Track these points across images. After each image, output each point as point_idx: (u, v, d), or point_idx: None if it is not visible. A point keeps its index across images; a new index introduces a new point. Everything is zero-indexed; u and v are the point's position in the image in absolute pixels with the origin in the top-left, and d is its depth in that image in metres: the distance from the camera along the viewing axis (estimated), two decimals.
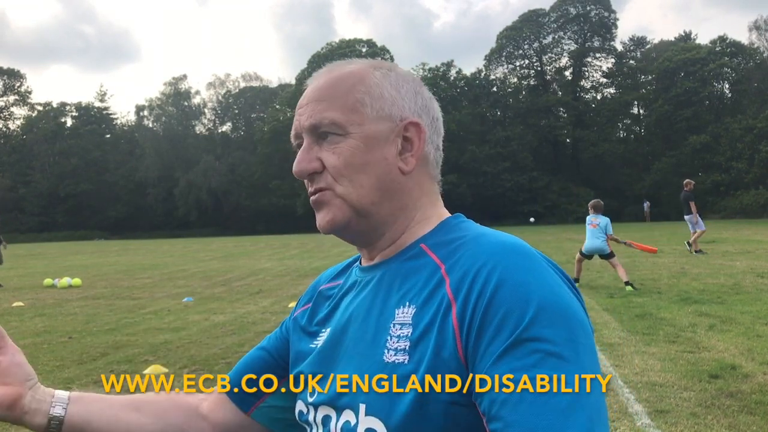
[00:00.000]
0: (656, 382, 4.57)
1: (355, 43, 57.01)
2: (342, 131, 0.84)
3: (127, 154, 62.55)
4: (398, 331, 0.78)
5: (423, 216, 0.89)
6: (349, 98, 0.84)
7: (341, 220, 0.85)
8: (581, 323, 0.73)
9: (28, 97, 66.06)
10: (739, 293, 8.48)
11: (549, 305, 0.71)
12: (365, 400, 0.77)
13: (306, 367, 0.92)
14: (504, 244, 0.78)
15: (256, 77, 66.80)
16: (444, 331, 0.73)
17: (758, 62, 48.55)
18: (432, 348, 0.73)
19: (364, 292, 0.88)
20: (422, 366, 0.73)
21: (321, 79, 0.88)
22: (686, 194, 15.15)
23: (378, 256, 0.90)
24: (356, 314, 0.86)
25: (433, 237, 0.86)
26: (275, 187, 54.71)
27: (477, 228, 0.86)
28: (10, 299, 11.10)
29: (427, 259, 0.83)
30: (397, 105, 0.86)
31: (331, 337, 0.89)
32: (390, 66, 0.91)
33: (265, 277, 14.05)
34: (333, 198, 0.85)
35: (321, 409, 0.85)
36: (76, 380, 5.25)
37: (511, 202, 49.77)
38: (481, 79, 55.94)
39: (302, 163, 0.85)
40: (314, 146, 0.86)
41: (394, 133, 0.86)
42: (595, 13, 54.94)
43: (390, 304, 0.82)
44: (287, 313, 6.29)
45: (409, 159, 0.86)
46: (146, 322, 8.19)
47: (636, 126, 56.89)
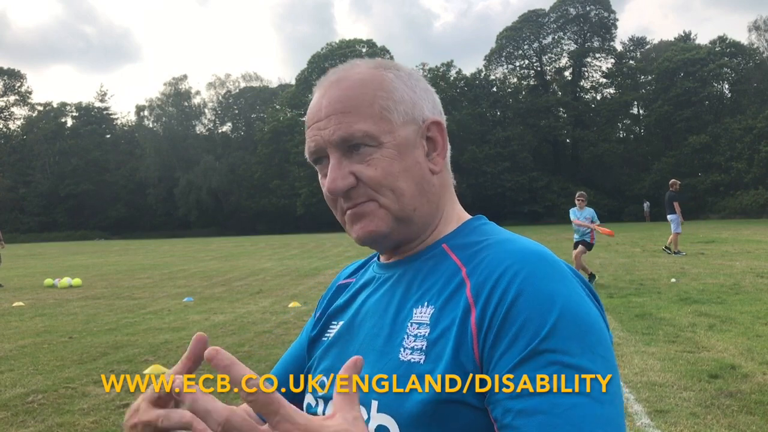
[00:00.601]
0: (656, 382, 4.58)
1: (355, 43, 57.00)
2: (375, 142, 0.81)
3: (127, 154, 62.53)
4: (415, 330, 0.77)
5: (446, 214, 0.89)
6: (374, 107, 0.82)
7: (384, 231, 0.83)
8: (600, 335, 0.72)
9: (29, 97, 66.07)
10: (738, 293, 8.48)
11: (569, 316, 0.70)
12: (378, 396, 0.76)
13: (316, 360, 0.92)
14: (527, 251, 0.77)
15: (256, 77, 66.84)
16: (463, 334, 0.73)
17: (758, 62, 48.54)
18: (449, 350, 0.73)
19: (383, 289, 0.88)
20: (438, 367, 0.73)
21: (335, 89, 0.84)
22: (671, 194, 15.31)
23: (400, 254, 0.89)
24: (373, 310, 0.86)
25: (456, 238, 0.86)
26: (275, 187, 54.72)
27: (500, 232, 0.85)
28: (10, 299, 11.10)
29: (449, 260, 0.82)
30: (417, 106, 0.85)
31: (343, 330, 0.89)
32: (394, 65, 0.89)
33: (265, 277, 14.05)
34: (377, 209, 0.82)
35: (331, 404, 0.85)
36: (76, 380, 5.25)
37: (511, 202, 49.77)
38: (481, 80, 55.93)
39: (337, 180, 0.81)
40: (344, 160, 0.82)
41: (419, 135, 0.85)
42: (594, 13, 54.95)
43: (408, 302, 0.81)
44: (287, 313, 6.32)
45: (436, 159, 0.86)
46: (146, 322, 8.20)
47: (636, 126, 56.88)
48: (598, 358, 0.69)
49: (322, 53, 55.58)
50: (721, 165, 45.25)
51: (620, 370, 4.93)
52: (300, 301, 9.63)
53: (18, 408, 4.56)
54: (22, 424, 4.22)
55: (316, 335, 0.97)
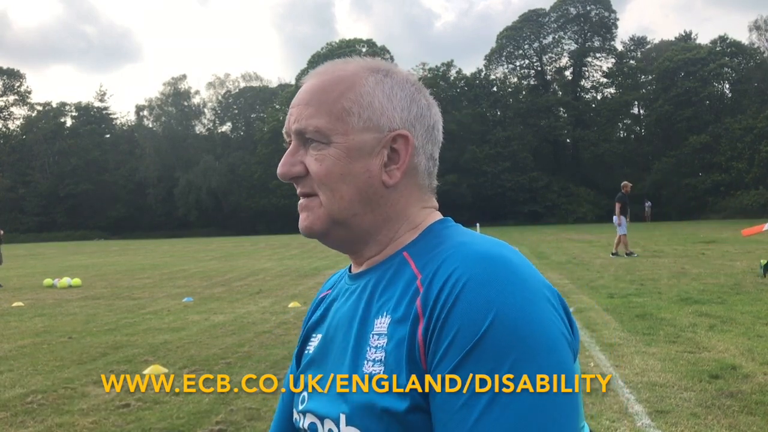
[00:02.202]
0: (656, 383, 4.57)
1: (355, 43, 57.00)
2: (325, 139, 0.82)
3: (127, 154, 62.49)
4: (376, 341, 0.77)
5: (411, 225, 0.87)
6: (336, 106, 0.83)
7: (319, 228, 0.85)
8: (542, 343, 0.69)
9: (28, 97, 66.04)
10: (739, 293, 8.48)
11: (505, 323, 0.68)
12: (345, 410, 0.77)
13: (299, 374, 0.92)
14: (476, 255, 0.74)
15: (256, 77, 66.80)
16: (412, 344, 0.73)
17: (758, 62, 48.52)
18: (404, 361, 0.73)
19: (350, 301, 0.87)
20: (396, 378, 0.73)
21: (314, 80, 0.86)
22: (619, 196, 15.04)
23: (365, 263, 0.89)
24: (341, 323, 0.86)
25: (417, 245, 0.84)
26: (275, 187, 54.65)
27: (461, 235, 0.83)
28: (10, 299, 11.10)
29: (407, 268, 0.81)
30: (386, 115, 0.84)
31: (321, 344, 0.90)
32: (388, 69, 0.88)
33: (265, 277, 14.05)
34: (318, 207, 0.84)
35: (308, 417, 0.85)
36: (76, 380, 5.25)
37: (511, 202, 49.74)
38: (481, 79, 55.92)
39: (285, 166, 0.85)
40: (300, 149, 0.85)
41: (380, 144, 0.83)
42: (595, 13, 54.93)
43: (371, 313, 0.81)
44: (287, 313, 6.30)
45: (394, 172, 0.84)
46: (146, 322, 8.19)
47: (636, 126, 56.85)
48: (533, 367, 0.67)
49: (322, 53, 55.53)
50: (721, 165, 45.24)
51: (620, 370, 4.94)
52: (300, 301, 9.62)
53: (17, 408, 4.55)
54: (21, 424, 4.21)
55: (300, 348, 0.98)
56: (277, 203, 54.70)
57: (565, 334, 0.73)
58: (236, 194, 57.59)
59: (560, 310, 0.75)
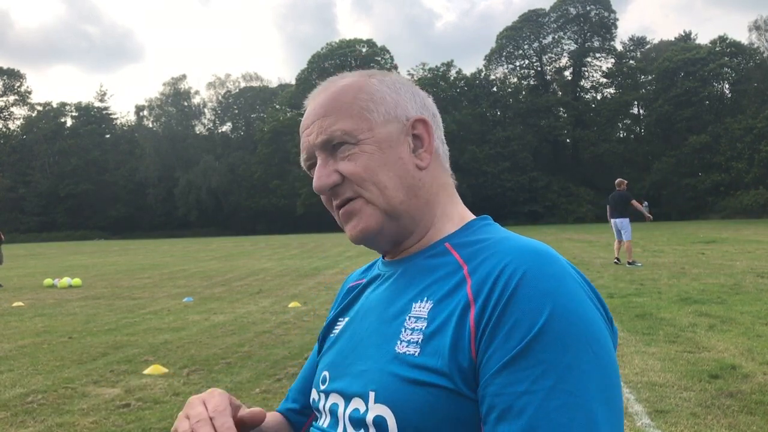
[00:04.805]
0: (656, 382, 4.57)
1: (355, 43, 56.95)
2: (354, 139, 0.84)
3: (127, 154, 62.54)
4: (413, 324, 0.79)
5: (444, 212, 0.90)
6: (354, 108, 0.86)
7: (375, 227, 0.86)
8: (593, 334, 0.72)
9: (28, 97, 66.11)
10: (739, 293, 8.48)
11: (562, 315, 0.71)
12: (375, 388, 0.78)
13: (323, 356, 0.95)
14: (528, 248, 0.78)
15: (256, 77, 66.91)
16: (461, 330, 0.74)
17: (758, 62, 48.57)
18: (447, 345, 0.74)
19: (385, 285, 0.90)
20: (433, 359, 0.74)
21: (320, 97, 0.89)
22: (626, 194, 13.21)
23: (403, 252, 0.91)
24: (375, 305, 0.89)
25: (458, 237, 0.87)
26: (275, 187, 54.75)
27: (503, 231, 0.87)
28: (10, 299, 11.10)
29: (450, 257, 0.84)
30: (400, 106, 0.88)
31: (347, 327, 0.92)
32: (381, 72, 0.93)
33: (265, 277, 14.05)
34: (364, 206, 0.85)
35: (331, 397, 0.86)
36: (76, 380, 5.25)
37: (511, 202, 49.79)
38: (481, 79, 55.98)
39: (322, 178, 0.85)
40: (329, 160, 0.86)
41: (403, 132, 0.87)
42: (595, 13, 54.99)
43: (408, 297, 0.83)
44: (287, 313, 6.30)
45: (423, 155, 0.88)
46: (146, 322, 8.19)
47: (636, 126, 56.89)
48: (589, 357, 0.70)
49: (322, 53, 55.55)
50: (721, 165, 45.28)
51: (620, 370, 4.93)
52: (300, 301, 9.62)
53: (18, 408, 4.55)
54: (21, 424, 4.21)
55: (324, 333, 1.00)
56: (277, 203, 54.76)
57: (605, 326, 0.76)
58: (236, 194, 57.62)
59: (597, 303, 0.78)
